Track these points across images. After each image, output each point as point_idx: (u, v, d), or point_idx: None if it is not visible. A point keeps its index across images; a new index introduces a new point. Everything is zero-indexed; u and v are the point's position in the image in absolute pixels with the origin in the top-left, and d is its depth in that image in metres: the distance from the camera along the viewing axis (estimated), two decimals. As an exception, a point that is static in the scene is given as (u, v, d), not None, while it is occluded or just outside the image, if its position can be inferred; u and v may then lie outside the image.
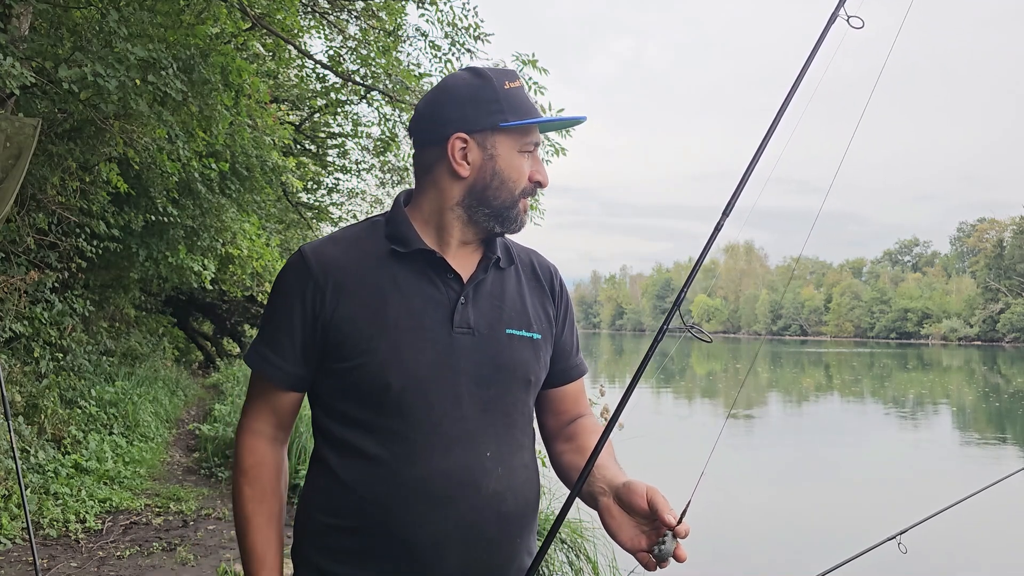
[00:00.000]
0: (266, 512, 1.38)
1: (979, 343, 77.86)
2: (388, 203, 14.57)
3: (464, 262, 1.40)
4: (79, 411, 7.56)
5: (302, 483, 1.45)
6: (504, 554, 1.36)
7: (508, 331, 1.39)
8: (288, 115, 11.14)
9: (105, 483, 6.38)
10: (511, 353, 1.38)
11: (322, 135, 13.23)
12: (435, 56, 8.78)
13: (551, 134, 8.98)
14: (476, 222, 1.39)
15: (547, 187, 1.42)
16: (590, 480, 1.32)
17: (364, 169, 13.54)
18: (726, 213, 1.25)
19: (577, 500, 1.30)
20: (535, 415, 1.53)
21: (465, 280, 1.38)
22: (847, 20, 1.26)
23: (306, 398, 1.46)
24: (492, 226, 1.39)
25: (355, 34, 9.24)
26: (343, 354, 1.33)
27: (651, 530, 1.24)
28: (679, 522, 1.19)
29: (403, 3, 8.63)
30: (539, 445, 1.55)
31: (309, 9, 8.92)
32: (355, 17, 9.31)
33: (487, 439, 1.35)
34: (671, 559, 1.20)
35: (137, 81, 5.06)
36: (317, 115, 12.18)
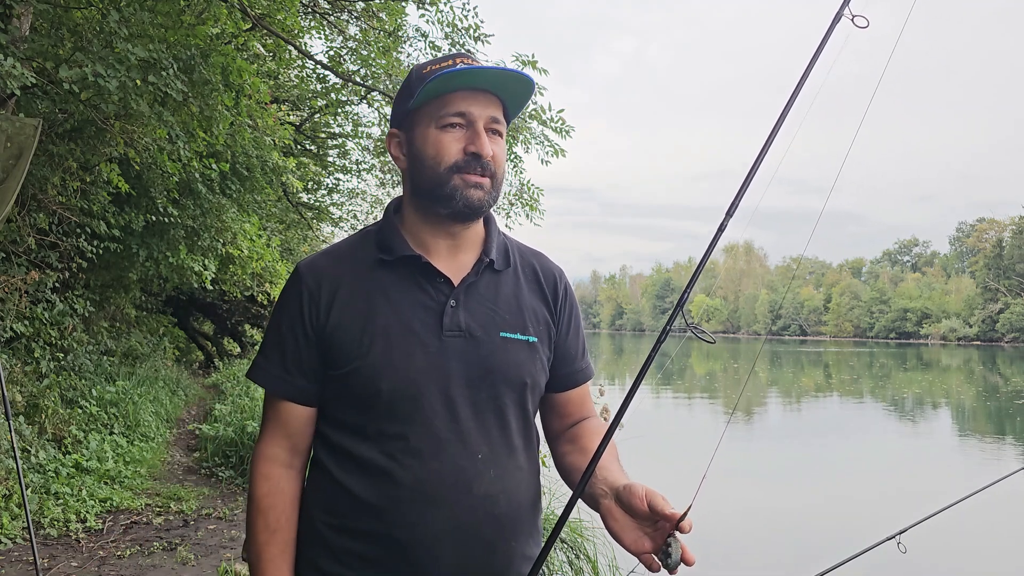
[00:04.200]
0: (280, 543, 1.37)
1: (978, 343, 77.86)
2: (388, 203, 14.63)
3: (456, 265, 1.41)
4: (80, 411, 7.56)
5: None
6: (499, 556, 1.36)
7: (502, 334, 1.39)
8: (288, 115, 11.13)
9: (106, 483, 6.39)
10: (504, 356, 1.38)
11: (322, 135, 13.23)
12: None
13: (550, 134, 8.97)
14: (426, 211, 1.39)
15: (488, 157, 1.32)
16: (592, 482, 1.32)
17: (364, 169, 13.56)
18: (729, 214, 1.24)
19: (578, 501, 1.30)
20: (540, 417, 1.53)
21: (456, 283, 1.38)
22: (852, 20, 1.25)
23: None
24: (436, 210, 1.37)
25: (355, 35, 9.24)
26: (337, 361, 1.35)
27: (653, 531, 1.23)
28: (680, 520, 1.18)
29: (403, 4, 8.62)
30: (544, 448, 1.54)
31: (309, 10, 8.92)
32: (355, 18, 9.31)
33: (480, 441, 1.35)
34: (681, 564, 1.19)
35: (138, 81, 5.06)
36: (317, 115, 12.17)
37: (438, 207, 1.36)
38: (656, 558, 1.21)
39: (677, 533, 1.19)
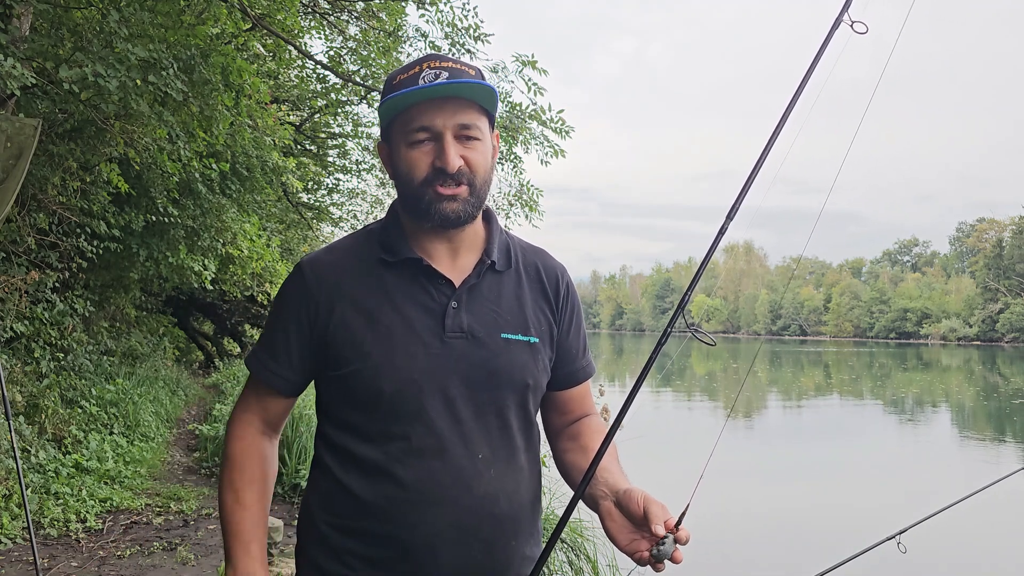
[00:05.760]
0: (255, 493, 1.41)
1: (978, 343, 77.85)
2: (388, 203, 14.58)
3: (458, 267, 1.41)
4: (80, 411, 7.56)
5: (303, 483, 1.47)
6: (499, 556, 1.37)
7: (504, 335, 1.39)
8: (288, 115, 11.13)
9: (106, 483, 6.39)
10: (507, 357, 1.39)
11: (322, 135, 13.23)
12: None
13: (550, 135, 8.96)
14: (414, 219, 1.40)
15: (455, 169, 1.30)
16: (592, 483, 1.33)
17: (364, 169, 13.55)
18: (730, 217, 1.24)
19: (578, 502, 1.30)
20: (540, 413, 1.54)
21: (457, 285, 1.38)
22: (851, 25, 1.26)
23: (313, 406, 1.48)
24: (421, 222, 1.38)
25: (355, 35, 9.24)
26: (339, 362, 1.36)
27: (649, 535, 1.24)
28: (677, 527, 1.20)
29: (403, 4, 8.62)
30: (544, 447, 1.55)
31: (309, 10, 8.92)
32: (355, 18, 9.31)
33: (480, 442, 1.36)
34: (668, 561, 1.21)
35: (138, 81, 5.05)
36: (317, 115, 12.17)
37: (422, 220, 1.37)
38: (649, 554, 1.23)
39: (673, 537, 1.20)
